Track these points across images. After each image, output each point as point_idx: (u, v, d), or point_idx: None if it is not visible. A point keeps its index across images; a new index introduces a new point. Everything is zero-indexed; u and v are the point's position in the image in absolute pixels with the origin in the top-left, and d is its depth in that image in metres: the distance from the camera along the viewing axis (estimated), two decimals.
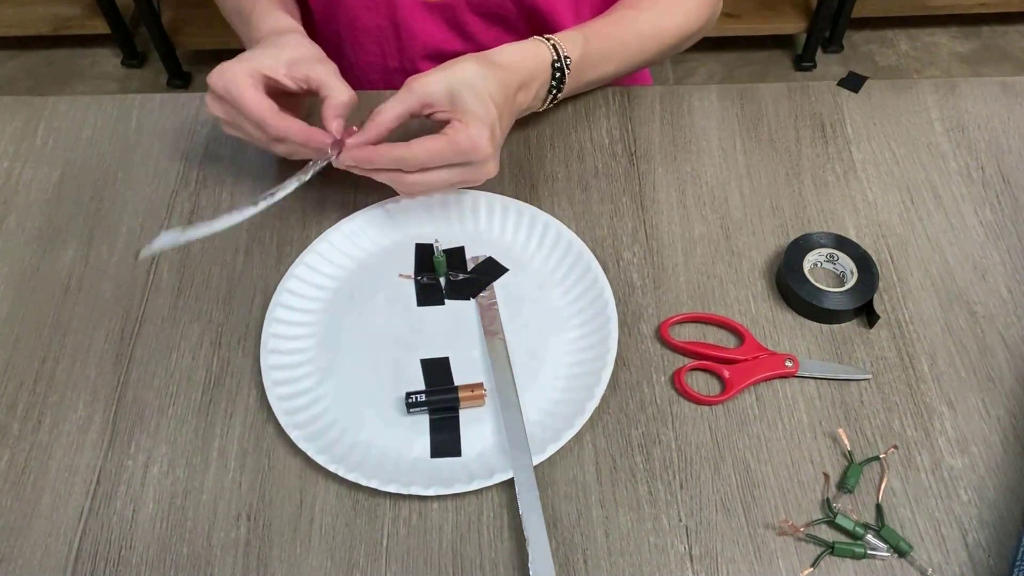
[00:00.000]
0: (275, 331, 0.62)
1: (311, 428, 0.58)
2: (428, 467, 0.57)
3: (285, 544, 0.55)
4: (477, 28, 0.81)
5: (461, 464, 0.57)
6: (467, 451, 0.58)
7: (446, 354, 0.62)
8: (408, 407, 0.59)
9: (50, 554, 0.55)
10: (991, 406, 0.60)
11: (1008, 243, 0.68)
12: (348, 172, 0.64)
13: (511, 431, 0.57)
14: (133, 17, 1.97)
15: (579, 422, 0.57)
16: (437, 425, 0.59)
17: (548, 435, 0.57)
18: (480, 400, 0.59)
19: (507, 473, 0.55)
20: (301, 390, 0.60)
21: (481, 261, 0.67)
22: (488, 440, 0.59)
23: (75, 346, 0.63)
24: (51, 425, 0.60)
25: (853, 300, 0.63)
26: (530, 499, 0.54)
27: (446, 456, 0.58)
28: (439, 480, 0.56)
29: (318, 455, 0.56)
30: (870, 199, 0.71)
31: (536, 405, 0.60)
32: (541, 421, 0.59)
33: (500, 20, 0.81)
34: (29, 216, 0.71)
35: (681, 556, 0.54)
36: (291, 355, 0.62)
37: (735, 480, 0.57)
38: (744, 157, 0.73)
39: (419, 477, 0.56)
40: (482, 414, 0.60)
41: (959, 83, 0.78)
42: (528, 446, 0.56)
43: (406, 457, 0.58)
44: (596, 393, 0.58)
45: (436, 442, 0.58)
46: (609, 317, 0.62)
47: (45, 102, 0.78)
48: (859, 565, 0.54)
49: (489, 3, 0.79)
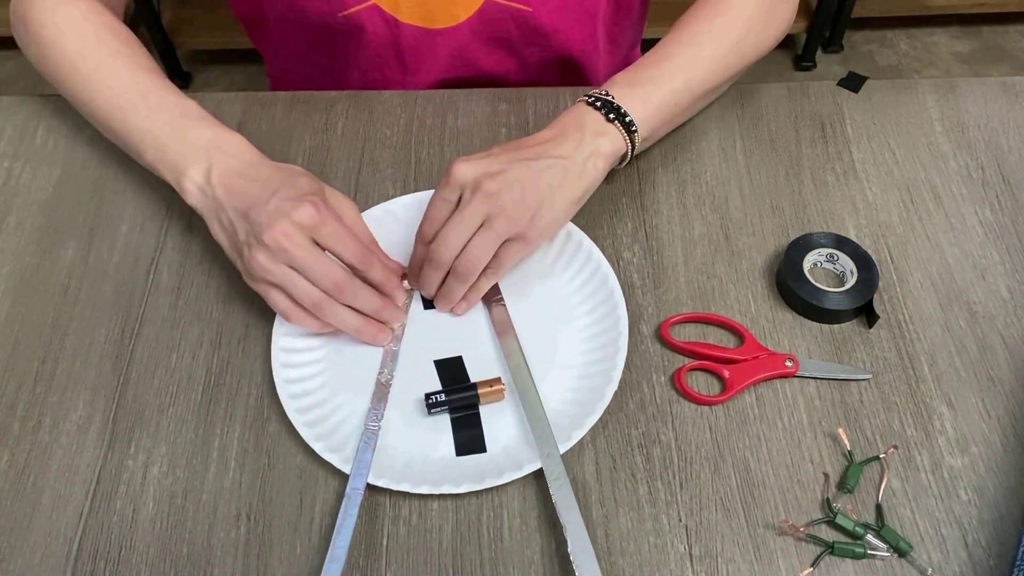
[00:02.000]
0: (285, 345, 0.62)
1: (333, 439, 0.57)
2: (456, 465, 0.57)
3: (285, 544, 0.55)
4: (478, 53, 0.81)
5: (488, 459, 0.57)
6: (491, 446, 0.58)
7: (458, 353, 0.62)
8: (428, 408, 0.59)
9: (50, 554, 0.55)
10: (991, 406, 0.60)
11: (1008, 243, 0.68)
12: (346, 175, 0.64)
13: (534, 421, 0.57)
14: (133, 17, 1.97)
15: (600, 407, 0.58)
16: (459, 423, 0.59)
17: (572, 423, 0.57)
18: (499, 395, 0.59)
19: (536, 463, 0.56)
20: (317, 402, 0.60)
21: None
22: (511, 433, 0.59)
23: (75, 346, 0.63)
24: (51, 425, 0.60)
25: (853, 300, 0.63)
26: (561, 487, 0.54)
27: (471, 453, 0.58)
28: (469, 477, 0.56)
29: (344, 465, 0.56)
30: (870, 199, 0.71)
31: (554, 395, 0.60)
32: (561, 410, 0.59)
33: (504, 45, 0.81)
34: (29, 216, 0.71)
35: (681, 556, 0.54)
36: (302, 368, 0.61)
37: (735, 480, 0.57)
38: (744, 157, 0.73)
39: (449, 475, 0.56)
40: (502, 409, 0.60)
41: (959, 83, 0.78)
42: (553, 435, 0.57)
43: (432, 458, 0.58)
44: (614, 377, 0.59)
45: (460, 440, 0.59)
46: (617, 303, 0.62)
47: (45, 102, 0.78)
48: (859, 565, 0.54)
49: (492, 27, 0.79)
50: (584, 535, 0.53)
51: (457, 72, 0.82)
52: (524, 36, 0.80)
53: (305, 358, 0.62)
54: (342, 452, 0.57)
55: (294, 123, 0.76)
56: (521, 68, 0.84)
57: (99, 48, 0.68)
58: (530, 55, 0.82)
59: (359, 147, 0.74)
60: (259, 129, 0.76)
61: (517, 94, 0.78)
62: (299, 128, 0.76)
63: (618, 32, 0.89)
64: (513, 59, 0.83)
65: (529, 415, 0.58)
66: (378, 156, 0.74)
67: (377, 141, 0.75)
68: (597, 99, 0.64)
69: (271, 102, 0.78)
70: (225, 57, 2.03)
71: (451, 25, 0.78)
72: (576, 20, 0.80)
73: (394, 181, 0.72)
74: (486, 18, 0.78)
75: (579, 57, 0.84)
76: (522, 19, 0.78)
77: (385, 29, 0.78)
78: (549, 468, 0.55)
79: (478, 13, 0.77)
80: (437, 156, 0.74)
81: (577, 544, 0.52)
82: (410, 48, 0.80)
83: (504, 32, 0.80)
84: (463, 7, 0.77)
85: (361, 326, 0.61)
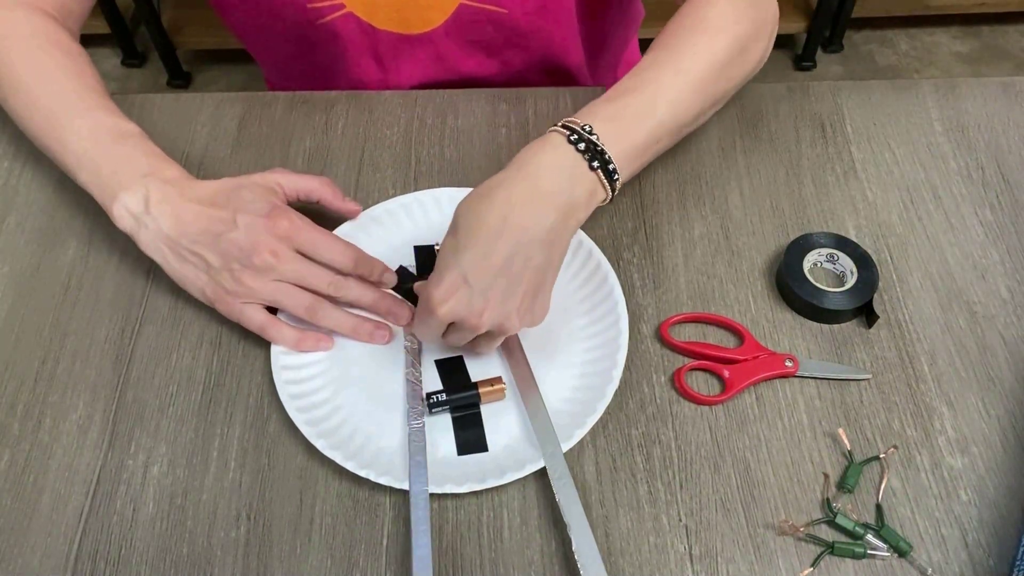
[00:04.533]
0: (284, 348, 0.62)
1: (334, 438, 0.57)
2: (458, 464, 0.57)
3: (285, 544, 0.55)
4: (457, 56, 0.81)
5: (490, 458, 0.57)
6: (493, 445, 0.58)
7: (459, 352, 0.62)
8: (430, 408, 0.59)
9: (50, 554, 0.55)
10: (991, 406, 0.60)
11: (1008, 243, 0.68)
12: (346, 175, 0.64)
13: (536, 420, 0.57)
14: (133, 17, 1.97)
15: (601, 406, 0.58)
16: (460, 423, 0.59)
17: (574, 421, 0.58)
18: (500, 394, 0.60)
19: (538, 463, 0.56)
20: (318, 401, 0.60)
21: None
22: (513, 432, 0.59)
23: (75, 346, 0.63)
24: (51, 425, 0.60)
25: (853, 300, 0.63)
26: (565, 485, 0.54)
27: (473, 452, 0.58)
28: (471, 476, 0.56)
29: (346, 462, 0.56)
30: (870, 199, 0.71)
31: (555, 395, 0.60)
32: (562, 409, 0.59)
33: (482, 47, 0.81)
34: (29, 216, 0.71)
35: (681, 556, 0.54)
36: (302, 368, 0.61)
37: (735, 480, 0.57)
38: (744, 157, 0.73)
39: (451, 475, 0.56)
40: (503, 408, 0.60)
41: (959, 83, 0.78)
42: (555, 434, 0.57)
43: (434, 457, 0.58)
44: (614, 376, 0.59)
45: (461, 440, 0.59)
46: (617, 301, 0.62)
47: None
48: (859, 565, 0.54)
49: (469, 29, 0.79)
50: (589, 534, 0.53)
51: (438, 75, 0.82)
52: (503, 38, 0.80)
53: (305, 359, 0.62)
54: (344, 449, 0.56)
55: (294, 123, 0.76)
56: (503, 70, 0.83)
57: (43, 62, 0.67)
58: (511, 57, 0.82)
59: (359, 147, 0.74)
60: (259, 129, 0.76)
61: (517, 95, 0.78)
62: (299, 128, 0.76)
63: (603, 32, 0.88)
64: (494, 61, 0.82)
65: (531, 414, 0.58)
66: (378, 156, 0.74)
67: (377, 141, 0.75)
68: (579, 137, 0.56)
69: (271, 102, 0.78)
70: (225, 57, 2.03)
71: (427, 30, 0.78)
72: (555, 20, 0.79)
73: (394, 181, 0.72)
74: (461, 21, 0.78)
75: (562, 57, 0.84)
76: (498, 21, 0.78)
77: (361, 36, 0.78)
78: (552, 467, 0.55)
79: (453, 16, 0.77)
80: (437, 156, 0.74)
81: (582, 543, 0.52)
82: (388, 53, 0.80)
83: (481, 34, 0.79)
84: (438, 11, 0.77)
85: (357, 324, 0.61)
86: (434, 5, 0.77)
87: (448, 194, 0.69)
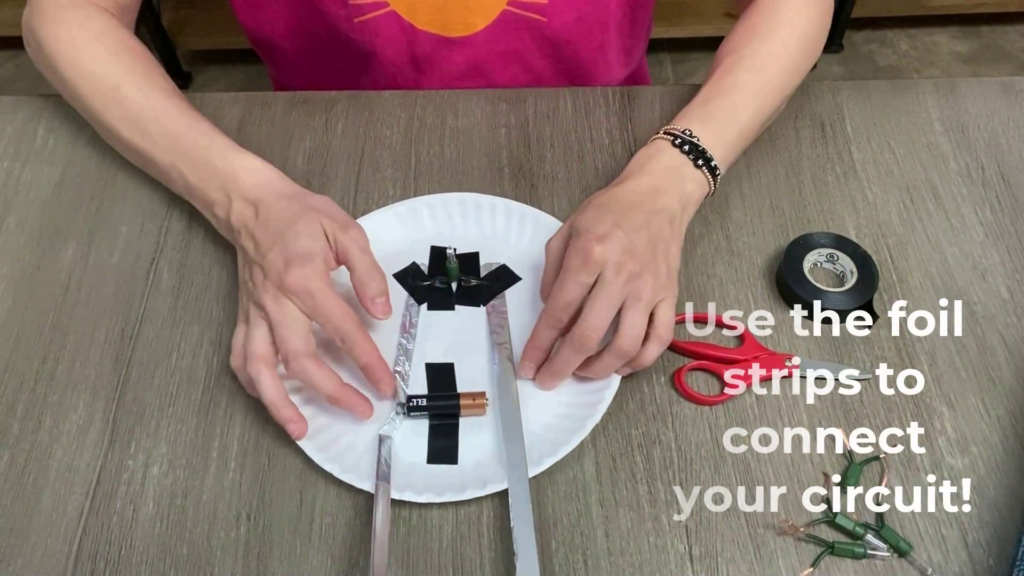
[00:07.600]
0: None
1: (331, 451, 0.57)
2: (424, 473, 0.57)
3: (285, 544, 0.55)
4: (494, 65, 0.81)
5: (457, 471, 0.57)
6: (464, 459, 0.58)
7: (451, 360, 0.62)
8: (408, 410, 0.59)
9: (50, 554, 0.55)
10: (991, 406, 0.60)
11: (1008, 243, 0.68)
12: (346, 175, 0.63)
13: (510, 444, 0.56)
14: None
15: (577, 438, 0.57)
16: (436, 431, 0.59)
17: (546, 448, 0.57)
18: (481, 409, 0.59)
19: (500, 484, 0.55)
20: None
21: (494, 268, 0.66)
22: (486, 450, 0.58)
23: (75, 346, 0.63)
24: (51, 425, 0.60)
25: (853, 300, 0.63)
26: (523, 512, 0.53)
27: (442, 463, 0.57)
28: (432, 487, 0.55)
29: (315, 453, 0.56)
30: (870, 199, 0.71)
31: (537, 419, 0.59)
32: (541, 435, 0.58)
33: (517, 57, 0.80)
34: (29, 216, 0.71)
35: (681, 556, 0.54)
36: None
37: (735, 480, 0.57)
38: (744, 157, 0.73)
39: (414, 482, 0.56)
40: (482, 423, 0.59)
41: (959, 83, 0.78)
42: (525, 462, 0.55)
43: (403, 460, 0.57)
44: (598, 411, 0.58)
45: (433, 448, 0.58)
46: None
47: (45, 102, 0.78)
48: (859, 565, 0.54)
49: (507, 37, 0.78)
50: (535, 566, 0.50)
51: (471, 84, 0.82)
52: (537, 47, 0.80)
53: None
54: (341, 462, 0.56)
55: (294, 123, 0.76)
56: (533, 81, 0.83)
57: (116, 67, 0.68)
58: (542, 67, 0.82)
59: (359, 147, 0.74)
60: (259, 129, 0.76)
61: (517, 94, 0.78)
62: (299, 128, 0.76)
63: (632, 43, 0.88)
64: (527, 73, 0.82)
65: (506, 436, 0.57)
66: (378, 156, 0.74)
67: (377, 141, 0.75)
68: (683, 141, 0.63)
69: (271, 102, 0.78)
70: (225, 57, 2.03)
71: (467, 34, 0.78)
72: (588, 31, 0.80)
73: (394, 181, 0.72)
74: (503, 28, 0.77)
75: (588, 67, 0.84)
76: (537, 29, 0.78)
77: (401, 36, 0.78)
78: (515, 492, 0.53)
79: (496, 22, 0.77)
80: (437, 156, 0.74)
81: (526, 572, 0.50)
82: (425, 56, 0.79)
83: (518, 43, 0.79)
84: (481, 15, 0.77)
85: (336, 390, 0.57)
86: (477, 8, 0.76)
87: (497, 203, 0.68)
